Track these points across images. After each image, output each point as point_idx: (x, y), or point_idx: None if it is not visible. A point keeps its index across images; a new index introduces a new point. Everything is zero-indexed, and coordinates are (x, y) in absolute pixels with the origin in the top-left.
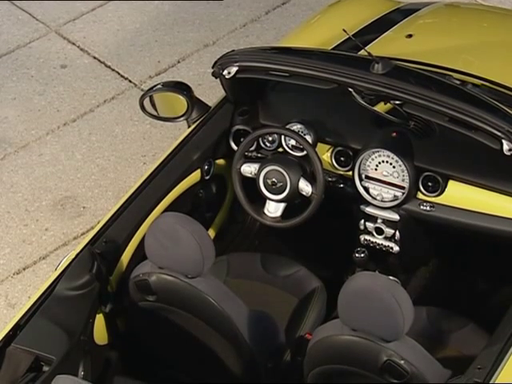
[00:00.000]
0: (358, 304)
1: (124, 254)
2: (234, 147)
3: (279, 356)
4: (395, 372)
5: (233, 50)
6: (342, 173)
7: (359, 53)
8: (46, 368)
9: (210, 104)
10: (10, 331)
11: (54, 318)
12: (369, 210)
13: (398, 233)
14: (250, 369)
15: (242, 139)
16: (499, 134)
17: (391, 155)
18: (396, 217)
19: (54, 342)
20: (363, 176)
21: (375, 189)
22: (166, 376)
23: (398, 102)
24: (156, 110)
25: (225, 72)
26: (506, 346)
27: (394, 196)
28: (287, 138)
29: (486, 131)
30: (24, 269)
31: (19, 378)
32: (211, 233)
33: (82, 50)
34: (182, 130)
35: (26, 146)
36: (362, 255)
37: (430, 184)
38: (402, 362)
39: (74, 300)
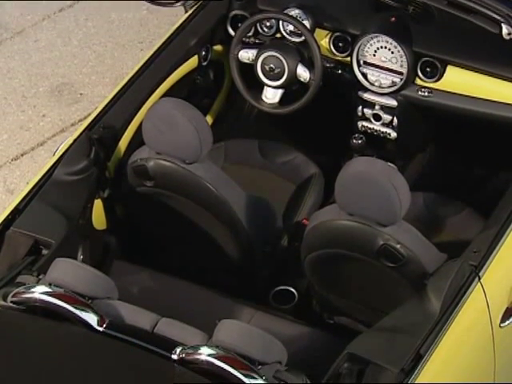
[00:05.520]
0: (355, 189)
1: (122, 140)
2: (232, 33)
3: (276, 241)
4: (391, 256)
5: None
6: (340, 58)
7: None
8: (45, 251)
9: None
10: (8, 215)
11: (52, 203)
12: (367, 96)
13: (395, 119)
14: (247, 253)
15: (239, 24)
16: (498, 17)
17: (390, 40)
18: (394, 103)
19: (52, 226)
20: (361, 62)
21: (373, 75)
22: (164, 260)
23: None
24: None
25: None
26: (501, 229)
27: (392, 82)
28: (285, 24)
29: (485, 15)
30: (22, 155)
31: (19, 260)
32: (209, 119)
33: None
34: (179, 16)
35: (21, 31)
36: (360, 141)
37: (428, 69)
38: (398, 245)
39: (72, 185)
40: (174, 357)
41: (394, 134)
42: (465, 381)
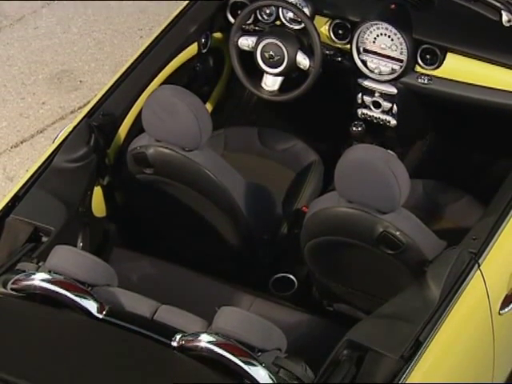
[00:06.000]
0: (354, 176)
1: (121, 127)
2: (232, 20)
3: (276, 228)
4: (391, 243)
5: None
6: (339, 46)
7: None
8: (44, 239)
9: None
10: (8, 202)
11: (52, 190)
12: (366, 83)
13: (395, 106)
14: (246, 241)
15: (239, 12)
16: (498, 4)
17: (390, 28)
18: (394, 90)
19: (52, 214)
20: (361, 49)
21: (373, 62)
22: (164, 247)
23: None
24: None
25: None
26: (501, 216)
27: (392, 69)
28: (285, 11)
29: (485, 2)
30: (21, 142)
31: (19, 247)
32: (208, 107)
33: None
34: (178, 3)
35: (21, 18)
36: (359, 129)
37: (428, 57)
38: (398, 233)
39: (72, 172)
40: (174, 344)
41: (393, 122)
42: (464, 368)
